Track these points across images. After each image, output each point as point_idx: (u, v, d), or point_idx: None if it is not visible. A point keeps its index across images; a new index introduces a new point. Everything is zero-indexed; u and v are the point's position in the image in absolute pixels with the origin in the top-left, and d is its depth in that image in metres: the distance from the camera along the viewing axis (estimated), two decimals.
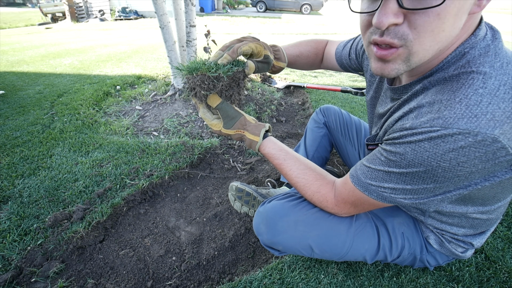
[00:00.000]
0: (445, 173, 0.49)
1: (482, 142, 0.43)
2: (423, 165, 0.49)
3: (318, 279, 0.88)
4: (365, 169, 0.60)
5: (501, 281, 0.86)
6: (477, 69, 0.46)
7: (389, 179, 0.56)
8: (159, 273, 1.02)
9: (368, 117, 0.87)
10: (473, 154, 0.45)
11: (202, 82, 0.68)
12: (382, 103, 0.72)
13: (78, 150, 1.63)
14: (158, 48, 4.94)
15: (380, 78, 0.76)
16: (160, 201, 1.34)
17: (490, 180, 0.52)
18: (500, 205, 0.63)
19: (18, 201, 1.25)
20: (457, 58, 0.50)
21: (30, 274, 0.97)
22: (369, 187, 0.59)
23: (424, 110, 0.49)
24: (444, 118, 0.45)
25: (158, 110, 2.16)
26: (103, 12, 12.72)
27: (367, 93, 0.84)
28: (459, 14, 0.43)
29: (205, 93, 0.71)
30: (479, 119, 0.43)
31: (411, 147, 0.49)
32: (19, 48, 5.14)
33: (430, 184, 0.52)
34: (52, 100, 2.39)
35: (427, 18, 0.42)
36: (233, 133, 0.76)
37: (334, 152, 1.63)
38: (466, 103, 0.44)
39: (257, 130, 0.75)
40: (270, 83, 2.88)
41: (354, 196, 0.64)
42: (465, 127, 0.43)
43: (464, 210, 0.64)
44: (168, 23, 2.05)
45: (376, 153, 0.59)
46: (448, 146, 0.45)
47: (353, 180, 0.63)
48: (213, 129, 0.78)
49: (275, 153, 0.75)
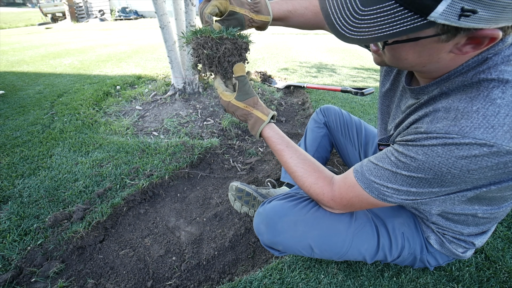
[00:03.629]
0: (453, 179, 0.49)
1: (496, 153, 0.44)
2: (432, 170, 0.49)
3: (318, 279, 0.88)
4: (372, 166, 0.59)
5: (501, 281, 0.86)
6: (497, 76, 0.45)
7: (394, 180, 0.55)
8: (159, 273, 1.02)
9: (379, 110, 0.84)
10: (485, 163, 0.45)
11: (205, 43, 0.70)
12: (403, 99, 0.71)
13: (78, 150, 1.63)
14: (158, 48, 4.94)
15: (397, 70, 0.75)
16: (160, 201, 1.34)
17: (497, 185, 0.52)
18: (507, 204, 0.63)
19: (18, 201, 1.25)
20: (478, 63, 0.48)
21: (30, 274, 0.97)
22: (371, 185, 0.59)
23: (440, 115, 0.49)
24: (461, 127, 0.45)
25: (158, 110, 2.16)
26: (103, 12, 12.73)
27: (382, 85, 0.81)
28: (423, 54, 0.48)
29: (210, 56, 0.71)
30: (495, 130, 0.43)
31: (424, 150, 0.49)
32: (19, 48, 5.14)
33: (435, 188, 0.52)
34: (52, 100, 2.39)
35: (388, 50, 0.51)
36: (242, 106, 0.75)
37: (334, 152, 1.63)
38: (483, 113, 0.44)
39: (266, 111, 0.76)
40: (270, 83, 2.88)
41: (352, 192, 0.63)
42: (481, 137, 0.44)
43: (472, 210, 0.64)
44: (168, 23, 2.05)
45: (386, 152, 0.58)
46: (461, 154, 0.46)
47: (356, 175, 0.62)
48: (222, 99, 0.77)
49: (278, 138, 0.75)
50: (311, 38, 6.73)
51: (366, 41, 0.43)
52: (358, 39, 0.43)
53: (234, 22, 0.72)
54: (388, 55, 0.52)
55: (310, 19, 0.85)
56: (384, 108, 0.81)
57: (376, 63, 0.59)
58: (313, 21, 0.85)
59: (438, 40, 0.43)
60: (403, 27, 0.40)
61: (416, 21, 0.39)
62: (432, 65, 0.50)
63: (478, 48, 0.44)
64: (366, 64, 3.89)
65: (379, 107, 0.84)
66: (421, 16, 0.38)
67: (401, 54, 0.50)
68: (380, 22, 0.41)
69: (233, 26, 0.72)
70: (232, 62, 0.73)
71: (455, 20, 0.38)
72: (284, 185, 1.24)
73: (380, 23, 0.41)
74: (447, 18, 0.37)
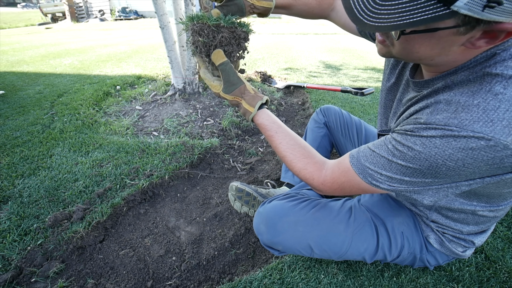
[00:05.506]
0: (447, 171, 0.49)
1: (493, 147, 0.44)
2: (428, 161, 0.49)
3: (318, 279, 0.88)
4: (368, 152, 0.59)
5: (501, 281, 0.86)
6: (501, 71, 0.45)
7: (389, 168, 0.55)
8: (159, 273, 1.02)
9: (381, 105, 0.83)
10: (481, 157, 0.46)
11: (201, 30, 0.67)
12: (405, 93, 0.70)
13: (78, 150, 1.63)
14: (158, 48, 4.94)
15: (403, 63, 0.74)
16: (160, 201, 1.34)
17: (492, 177, 0.52)
18: (507, 203, 0.63)
19: (18, 201, 1.25)
20: (487, 58, 0.48)
21: (30, 274, 0.97)
22: (365, 170, 0.59)
23: (441, 107, 0.49)
24: (460, 119, 0.46)
25: (158, 110, 2.16)
26: (103, 12, 12.73)
27: (387, 80, 0.80)
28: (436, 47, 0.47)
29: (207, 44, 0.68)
30: (494, 124, 0.43)
31: (422, 140, 0.49)
32: (19, 48, 5.14)
33: (428, 179, 0.53)
34: (52, 100, 2.39)
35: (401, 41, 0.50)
36: (230, 98, 0.74)
37: (334, 152, 1.63)
38: (483, 107, 0.44)
39: (254, 101, 0.73)
40: (270, 83, 2.88)
41: (345, 177, 0.62)
42: (479, 130, 0.44)
43: (471, 206, 0.64)
44: (168, 23, 2.05)
45: (384, 140, 0.58)
46: (458, 146, 0.46)
47: (352, 160, 0.62)
48: (212, 90, 0.76)
49: (268, 124, 0.73)
50: (311, 38, 6.73)
51: (384, 29, 0.42)
52: (376, 26, 0.42)
53: (234, 8, 0.70)
54: (398, 47, 0.51)
55: (314, 7, 0.84)
56: (388, 103, 0.80)
57: (381, 55, 0.58)
58: (317, 10, 0.84)
59: (456, 32, 0.43)
60: (424, 15, 0.39)
61: (439, 10, 0.38)
62: (441, 58, 0.50)
63: (491, 43, 0.44)
64: (366, 64, 3.89)
65: (381, 101, 0.83)
66: (445, 5, 0.38)
67: (414, 46, 0.49)
68: (402, 9, 0.40)
69: (232, 12, 0.70)
70: (229, 52, 0.70)
71: (478, 11, 0.37)
72: (284, 185, 1.24)
73: (401, 10, 0.40)
74: (471, 8, 0.37)
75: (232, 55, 0.72)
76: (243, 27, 0.70)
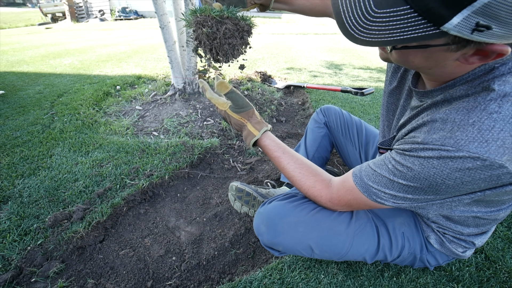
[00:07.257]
0: (447, 188, 0.51)
1: (489, 166, 0.45)
2: (428, 180, 0.51)
3: (318, 279, 0.88)
4: (370, 171, 0.61)
5: (501, 281, 0.86)
6: (498, 87, 0.45)
7: (391, 187, 0.57)
8: (159, 273, 1.02)
9: (384, 108, 0.83)
10: (478, 176, 0.47)
11: (205, 21, 0.67)
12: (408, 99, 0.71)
13: (78, 150, 1.63)
14: (158, 48, 4.94)
15: (404, 68, 0.74)
16: (160, 201, 1.34)
17: (492, 190, 0.53)
18: (507, 207, 0.64)
19: (18, 201, 1.25)
20: (485, 72, 0.48)
21: (30, 274, 0.97)
22: (369, 189, 0.60)
23: (437, 126, 0.50)
24: (456, 139, 0.46)
25: (158, 110, 2.16)
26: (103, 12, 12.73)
27: (389, 83, 0.80)
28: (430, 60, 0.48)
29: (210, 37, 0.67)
30: (489, 144, 0.44)
31: (420, 161, 0.51)
32: (19, 48, 5.14)
33: (430, 195, 0.54)
34: (52, 100, 2.39)
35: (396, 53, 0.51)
36: (237, 117, 0.78)
37: (334, 152, 1.63)
38: (478, 127, 0.45)
39: (259, 126, 0.77)
40: (270, 83, 2.88)
41: (351, 195, 0.65)
42: (475, 151, 0.45)
43: (472, 213, 0.65)
44: (168, 23, 2.05)
45: (384, 159, 0.60)
46: (455, 166, 0.47)
47: (355, 179, 0.63)
48: (218, 108, 0.79)
49: (274, 146, 0.76)
50: (311, 38, 6.73)
51: (375, 44, 0.43)
52: (367, 41, 0.43)
53: (237, 0, 0.71)
54: (395, 56, 0.53)
55: (317, 4, 0.82)
56: (390, 106, 0.81)
57: (382, 59, 0.60)
58: (320, 7, 0.82)
59: (447, 49, 0.43)
60: (414, 34, 0.39)
61: (428, 29, 0.38)
62: (438, 69, 0.51)
63: (484, 60, 0.44)
64: (366, 64, 3.89)
65: (384, 105, 0.83)
66: (434, 25, 0.38)
67: (408, 58, 0.50)
68: (392, 26, 0.40)
69: (234, 4, 0.70)
70: (233, 45, 0.71)
71: (467, 34, 0.37)
72: (284, 185, 1.24)
73: (392, 27, 0.40)
74: (460, 31, 0.37)
75: (236, 49, 0.72)
76: (246, 20, 0.71)
